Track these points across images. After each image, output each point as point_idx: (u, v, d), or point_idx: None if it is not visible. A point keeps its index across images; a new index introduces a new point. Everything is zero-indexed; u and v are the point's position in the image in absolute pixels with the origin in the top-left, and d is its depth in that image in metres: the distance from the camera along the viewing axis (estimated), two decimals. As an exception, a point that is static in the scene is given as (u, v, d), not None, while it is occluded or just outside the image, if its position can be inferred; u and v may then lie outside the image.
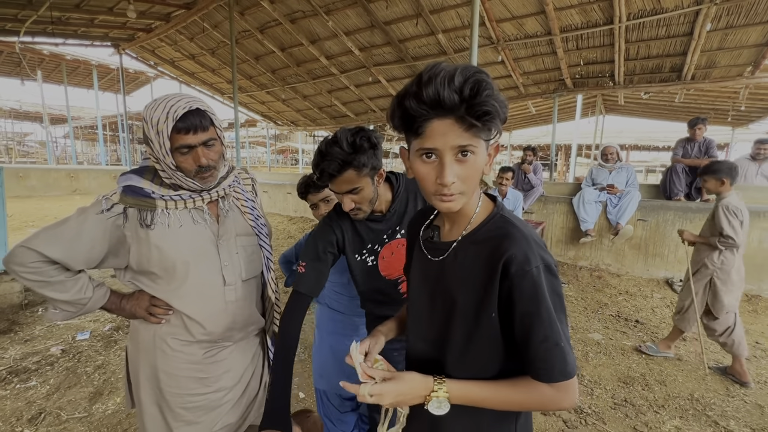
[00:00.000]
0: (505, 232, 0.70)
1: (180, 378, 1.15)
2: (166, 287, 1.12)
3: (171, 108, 1.00)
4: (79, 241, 1.03)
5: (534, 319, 0.66)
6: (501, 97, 0.63)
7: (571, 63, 5.76)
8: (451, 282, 0.75)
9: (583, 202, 4.90)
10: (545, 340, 0.66)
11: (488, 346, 0.72)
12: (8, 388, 2.59)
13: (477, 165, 0.66)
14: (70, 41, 6.88)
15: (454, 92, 0.60)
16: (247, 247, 1.24)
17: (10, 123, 21.68)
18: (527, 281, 0.65)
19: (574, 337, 3.36)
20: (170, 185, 1.11)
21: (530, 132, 19.42)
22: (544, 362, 0.67)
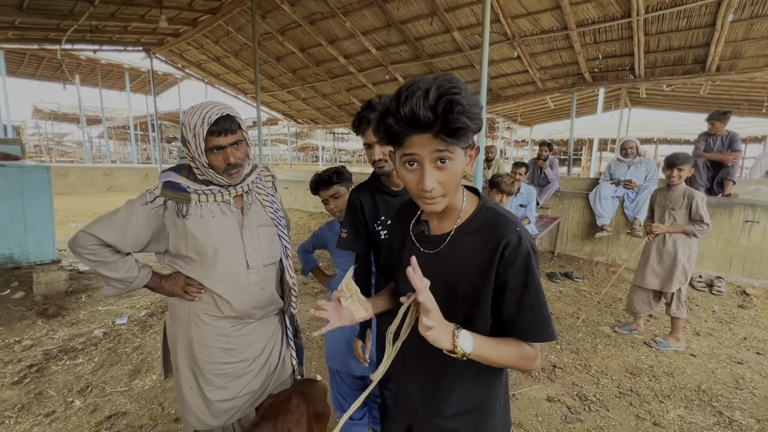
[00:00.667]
0: (498, 222, 0.82)
1: (211, 348, 1.34)
2: (199, 269, 1.31)
3: (206, 114, 1.18)
4: (127, 227, 1.24)
5: (524, 290, 0.78)
6: (474, 109, 0.69)
7: (589, 57, 5.69)
8: (449, 270, 0.84)
9: (599, 197, 4.88)
10: (532, 307, 0.78)
11: (483, 323, 0.83)
12: (59, 364, 2.90)
13: (455, 170, 0.75)
14: (106, 47, 7.33)
15: (428, 110, 0.67)
16: (268, 236, 1.42)
17: (50, 124, 23.03)
18: (520, 260, 0.78)
19: (585, 329, 3.41)
20: (202, 181, 1.30)
21: (552, 126, 19.04)
22: (533, 326, 0.79)
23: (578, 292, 4.32)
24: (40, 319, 3.62)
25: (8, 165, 3.83)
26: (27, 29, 5.55)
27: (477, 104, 0.71)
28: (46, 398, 2.50)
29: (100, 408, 2.41)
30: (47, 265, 4.04)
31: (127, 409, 2.42)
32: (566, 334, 3.34)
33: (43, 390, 2.58)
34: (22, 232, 3.87)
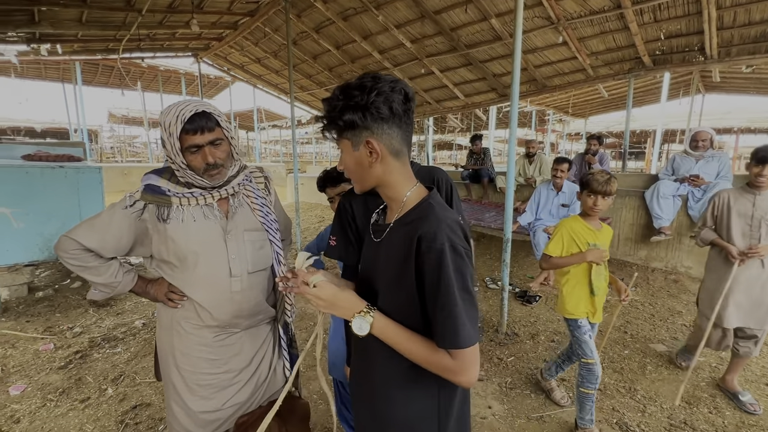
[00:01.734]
0: (424, 215, 0.81)
1: (193, 358, 1.29)
2: (181, 275, 1.26)
3: (180, 112, 1.12)
4: (108, 232, 1.21)
5: (435, 289, 0.76)
6: (333, 103, 0.82)
7: (648, 38, 5.06)
8: (383, 260, 0.87)
9: (657, 196, 4.33)
10: (443, 308, 0.75)
11: (407, 315, 0.82)
12: (101, 352, 3.10)
13: (347, 160, 0.86)
14: (159, 54, 7.84)
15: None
16: (255, 242, 1.33)
17: (122, 128, 25.43)
18: (432, 254, 0.76)
19: (633, 346, 3.02)
20: (185, 184, 1.25)
21: (609, 117, 17.55)
22: (439, 327, 0.76)
23: (629, 303, 3.87)
24: (92, 308, 3.93)
25: (66, 166, 4.18)
26: (89, 41, 6.08)
27: (337, 99, 0.81)
28: (84, 384, 2.67)
29: (128, 398, 2.53)
30: (100, 258, 4.39)
31: (152, 400, 2.51)
32: (609, 350, 2.98)
33: (83, 376, 2.76)
34: (78, 227, 4.23)
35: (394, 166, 0.85)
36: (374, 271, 0.90)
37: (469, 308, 0.76)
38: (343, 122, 0.80)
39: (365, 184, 0.88)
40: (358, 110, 0.78)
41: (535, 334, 3.28)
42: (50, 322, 3.59)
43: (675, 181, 4.38)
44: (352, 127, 0.80)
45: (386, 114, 0.79)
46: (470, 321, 0.75)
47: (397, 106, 0.80)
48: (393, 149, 0.83)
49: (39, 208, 3.96)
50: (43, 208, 3.98)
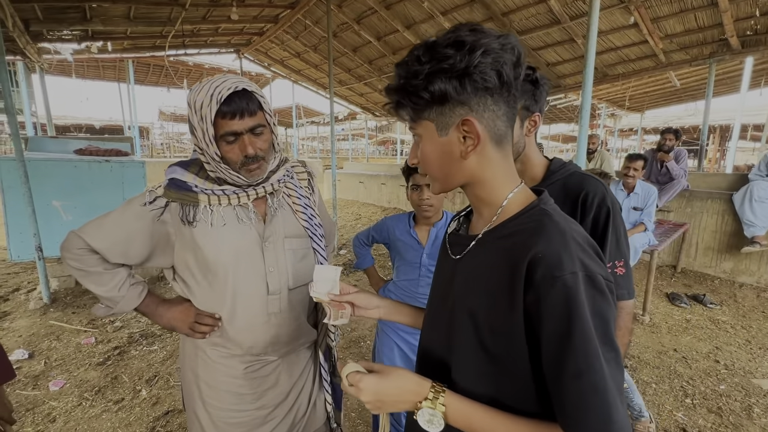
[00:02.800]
0: (537, 225, 0.56)
1: (220, 391, 1.06)
2: (206, 293, 1.03)
3: (215, 89, 0.87)
4: (117, 231, 0.98)
5: (565, 345, 0.50)
6: (413, 67, 0.57)
7: (739, 15, 4.36)
8: (464, 284, 0.63)
9: (750, 200, 3.70)
10: (577, 377, 0.49)
11: (510, 371, 0.57)
12: (138, 349, 3.05)
13: (428, 149, 0.62)
14: (203, 51, 7.97)
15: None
16: (297, 251, 1.08)
17: (171, 125, 26.79)
18: (557, 291, 0.50)
19: (731, 381, 2.52)
20: (215, 179, 1.01)
21: (669, 111, 16.14)
22: (574, 408, 0.49)
23: (714, 324, 3.31)
24: (133, 302, 3.95)
25: (112, 160, 4.24)
26: (137, 38, 6.24)
27: (419, 60, 0.56)
28: (119, 384, 2.60)
29: (161, 401, 2.42)
30: (142, 252, 4.43)
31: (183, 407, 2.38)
32: (701, 383, 2.51)
33: (119, 375, 2.70)
34: (122, 221, 4.27)
35: (494, 158, 0.60)
36: (448, 297, 0.66)
37: (617, 374, 0.50)
38: (430, 94, 0.56)
39: (450, 182, 0.63)
40: (453, 77, 0.54)
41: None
42: (93, 315, 3.62)
43: (772, 182, 3.73)
44: (442, 102, 0.56)
45: (494, 83, 0.55)
46: (620, 396, 0.50)
47: (509, 70, 0.55)
48: (496, 133, 0.59)
49: (86, 201, 4.02)
50: (90, 201, 4.04)
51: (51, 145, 5.07)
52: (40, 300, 3.73)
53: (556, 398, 0.52)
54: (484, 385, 0.60)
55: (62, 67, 10.13)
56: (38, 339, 3.14)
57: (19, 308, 3.67)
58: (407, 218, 1.56)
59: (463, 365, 0.63)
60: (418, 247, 1.49)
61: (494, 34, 0.56)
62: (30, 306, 3.69)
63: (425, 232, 1.50)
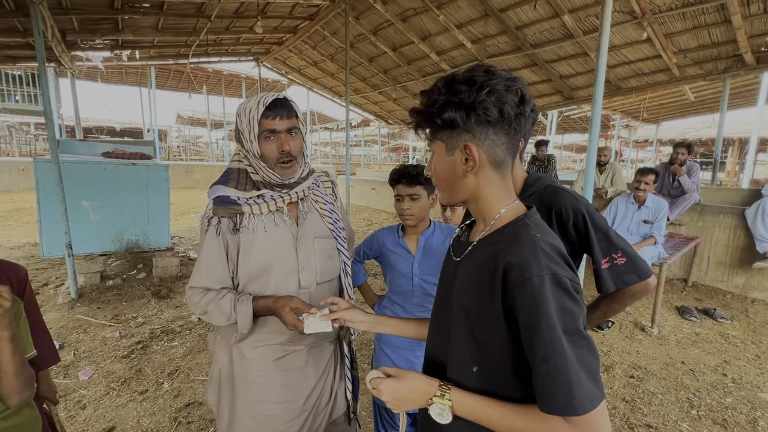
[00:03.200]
0: (514, 237, 0.67)
1: (257, 384, 1.17)
2: (254, 288, 1.16)
3: (262, 97, 1.08)
4: (207, 263, 1.14)
5: (533, 336, 0.60)
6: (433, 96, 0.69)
7: (754, 32, 4.39)
8: (460, 283, 0.74)
9: (763, 215, 3.71)
10: (545, 361, 0.59)
11: (497, 360, 0.67)
12: (159, 344, 3.19)
13: (438, 164, 0.75)
14: (224, 59, 8.25)
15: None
16: (325, 250, 1.23)
17: (187, 128, 27.46)
18: (527, 291, 0.60)
19: (737, 394, 2.55)
20: (254, 184, 1.15)
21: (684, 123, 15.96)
22: (543, 387, 0.59)
23: (724, 338, 3.32)
24: (153, 299, 4.11)
25: (138, 163, 4.44)
26: (163, 47, 6.53)
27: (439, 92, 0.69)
28: (143, 376, 2.74)
29: (182, 394, 2.55)
30: (163, 252, 4.61)
31: (204, 399, 2.51)
32: (707, 395, 2.53)
33: (143, 368, 2.84)
34: (146, 221, 4.46)
35: (491, 179, 0.71)
36: (451, 296, 0.78)
37: (586, 356, 0.59)
38: (441, 120, 0.68)
39: (455, 196, 0.75)
40: (461, 108, 0.66)
41: (610, 366, 2.90)
42: (117, 311, 3.79)
43: (786, 199, 3.73)
44: (451, 127, 0.68)
45: (494, 117, 0.65)
46: (588, 374, 0.58)
47: (510, 108, 0.66)
48: (494, 159, 0.70)
49: (113, 202, 4.23)
50: (116, 202, 4.24)
51: (80, 147, 5.34)
52: (68, 295, 3.93)
53: (534, 382, 0.61)
54: (477, 379, 0.70)
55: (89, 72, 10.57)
56: (67, 331, 3.31)
57: (49, 302, 3.87)
58: (396, 229, 1.61)
59: (459, 362, 0.72)
60: (408, 257, 1.53)
61: (504, 76, 0.66)
62: (59, 300, 3.88)
63: (414, 241, 1.55)
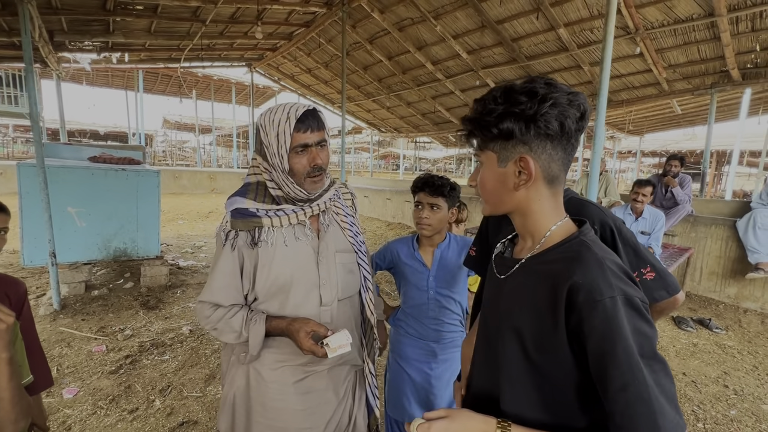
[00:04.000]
0: (576, 255, 0.63)
1: (276, 410, 1.09)
2: (273, 305, 1.09)
3: (291, 109, 1.02)
4: (221, 278, 1.08)
5: (609, 362, 0.55)
6: (489, 105, 0.67)
7: (740, 50, 4.55)
8: (509, 302, 0.70)
9: (754, 227, 3.80)
10: (623, 390, 0.54)
11: (558, 385, 0.63)
12: (149, 359, 3.04)
13: (487, 175, 0.72)
14: (216, 64, 8.15)
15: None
16: (346, 264, 1.16)
17: (174, 133, 27.00)
18: (598, 314, 0.56)
19: (741, 406, 2.56)
20: (273, 199, 1.09)
21: (667, 135, 16.44)
22: (624, 418, 0.55)
23: (721, 348, 3.35)
24: (142, 310, 3.94)
25: (128, 169, 4.29)
26: (154, 50, 6.39)
27: (496, 101, 0.66)
28: (133, 393, 2.59)
29: (175, 412, 2.41)
30: (152, 260, 4.44)
31: (198, 417, 2.38)
32: (711, 408, 2.54)
33: (132, 384, 2.69)
34: (135, 229, 4.30)
35: (543, 194, 0.69)
36: (494, 317, 0.75)
37: (664, 381, 0.55)
38: (498, 130, 0.65)
39: (500, 208, 0.73)
40: (521, 120, 0.63)
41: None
42: (103, 322, 3.61)
43: (775, 210, 3.83)
44: (507, 138, 0.65)
45: (555, 131, 0.63)
46: (669, 402, 0.55)
47: (571, 123, 0.64)
48: (549, 174, 0.67)
49: (101, 208, 4.06)
50: (105, 209, 4.08)
51: (65, 151, 5.14)
52: (50, 306, 3.73)
53: (606, 409, 0.57)
54: (536, 409, 0.65)
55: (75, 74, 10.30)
56: (49, 345, 3.13)
57: (29, 314, 3.67)
58: (411, 241, 1.58)
59: (515, 390, 0.67)
60: (424, 270, 1.50)
61: (566, 90, 0.64)
62: (40, 312, 3.68)
63: (429, 254, 1.52)
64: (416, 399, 1.53)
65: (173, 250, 6.33)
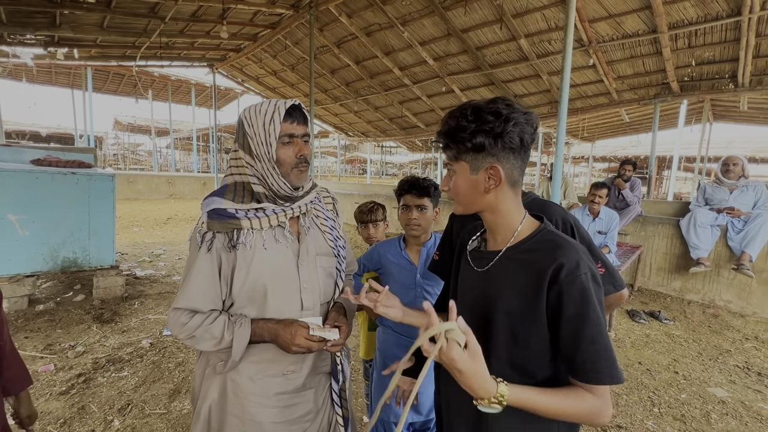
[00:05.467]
0: (557, 243, 0.78)
1: (254, 423, 1.05)
2: (252, 311, 1.05)
3: (279, 102, 1.03)
4: (199, 282, 1.03)
5: (583, 322, 0.72)
6: (462, 123, 0.79)
7: (679, 64, 5.00)
8: (494, 288, 0.82)
9: (694, 225, 4.16)
10: (593, 342, 0.71)
11: (534, 350, 0.78)
12: (105, 376, 2.83)
13: (460, 182, 0.84)
14: (175, 63, 7.78)
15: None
16: (326, 268, 1.15)
17: (127, 135, 25.42)
18: (577, 285, 0.72)
19: (689, 390, 2.78)
20: (253, 197, 1.05)
21: (615, 142, 17.64)
22: (593, 364, 0.71)
23: (670, 338, 3.63)
24: (95, 324, 3.66)
25: (78, 172, 3.99)
26: (107, 47, 6.00)
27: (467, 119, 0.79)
28: (88, 414, 2.40)
29: (137, 431, 2.26)
30: (106, 270, 4.14)
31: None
32: (664, 393, 2.74)
33: (86, 404, 2.49)
34: (86, 237, 3.99)
35: (508, 195, 0.83)
36: (480, 305, 0.85)
37: (610, 342, 0.75)
38: (472, 145, 0.78)
39: (471, 208, 0.86)
40: (490, 136, 0.77)
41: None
42: (51, 339, 3.32)
43: (711, 211, 4.22)
44: (478, 151, 0.79)
45: (516, 145, 0.78)
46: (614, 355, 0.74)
47: (527, 137, 0.79)
48: (512, 179, 0.82)
49: (47, 215, 3.74)
50: (51, 216, 3.76)
51: (3, 153, 4.69)
52: (-13, 324, 3.37)
53: (575, 361, 0.72)
54: (515, 372, 0.79)
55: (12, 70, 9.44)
56: (-12, 367, 2.83)
57: (-38, 333, 3.29)
58: (397, 242, 1.62)
59: (500, 363, 0.80)
60: (412, 268, 1.54)
61: (522, 110, 0.78)
62: (-25, 330, 3.32)
63: (416, 252, 1.56)
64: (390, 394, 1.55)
65: (129, 259, 5.94)
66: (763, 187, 4.23)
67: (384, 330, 1.65)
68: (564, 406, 0.73)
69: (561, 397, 0.74)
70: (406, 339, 1.56)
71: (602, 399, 0.73)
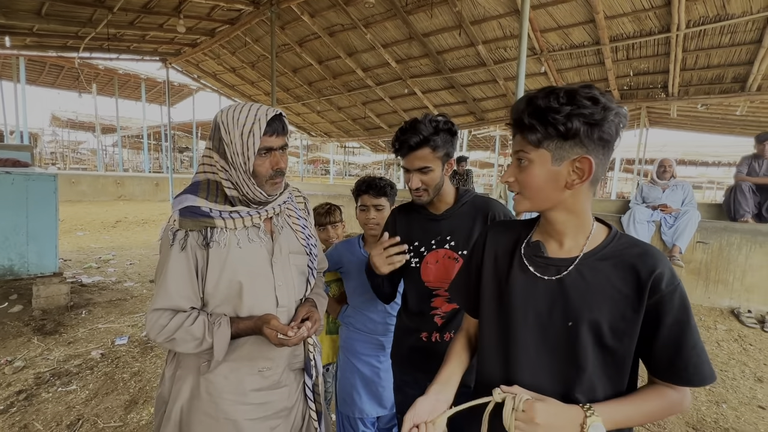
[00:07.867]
0: (643, 249, 0.74)
1: (227, 421, 1.05)
2: (228, 309, 1.05)
3: (259, 111, 0.99)
4: (176, 280, 1.01)
5: (685, 328, 0.71)
6: (553, 104, 0.69)
7: (619, 74, 5.47)
8: (573, 297, 0.74)
9: (634, 221, 4.56)
10: (694, 348, 0.71)
11: (620, 356, 0.73)
12: (51, 391, 2.63)
13: (536, 172, 0.73)
14: (123, 56, 7.32)
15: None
16: (299, 266, 1.18)
17: (66, 132, 23.41)
18: (678, 294, 0.71)
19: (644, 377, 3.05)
20: (226, 198, 1.06)
21: (565, 145, 18.76)
22: (696, 367, 0.70)
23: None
24: (36, 337, 3.37)
25: (14, 172, 3.66)
26: (45, 36, 5.51)
27: (559, 100, 0.70)
28: (32, 433, 2.22)
29: (90, 448, 2.13)
30: (48, 278, 3.83)
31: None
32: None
33: (29, 422, 2.31)
34: (24, 242, 3.67)
35: (587, 194, 0.74)
36: (551, 315, 0.76)
37: None
38: (566, 129, 0.67)
39: (542, 205, 0.76)
40: (589, 122, 0.67)
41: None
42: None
43: (647, 208, 4.65)
44: (569, 138, 0.68)
45: (611, 137, 0.69)
46: None
47: (621, 132, 0.71)
48: (596, 176, 0.72)
49: (-24, 219, 3.40)
50: (-18, 220, 3.42)
51: None
52: None
53: (676, 365, 0.71)
54: (604, 387, 0.74)
55: (-73, 57, 8.40)
56: None
57: None
58: (356, 241, 1.66)
59: (587, 376, 0.73)
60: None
61: (613, 100, 0.71)
62: None
63: None
64: (366, 393, 1.59)
65: (73, 265, 5.52)
66: (689, 186, 4.74)
67: (346, 327, 1.68)
68: (651, 408, 0.73)
69: (645, 401, 0.73)
70: (366, 335, 1.60)
71: (683, 392, 0.73)
